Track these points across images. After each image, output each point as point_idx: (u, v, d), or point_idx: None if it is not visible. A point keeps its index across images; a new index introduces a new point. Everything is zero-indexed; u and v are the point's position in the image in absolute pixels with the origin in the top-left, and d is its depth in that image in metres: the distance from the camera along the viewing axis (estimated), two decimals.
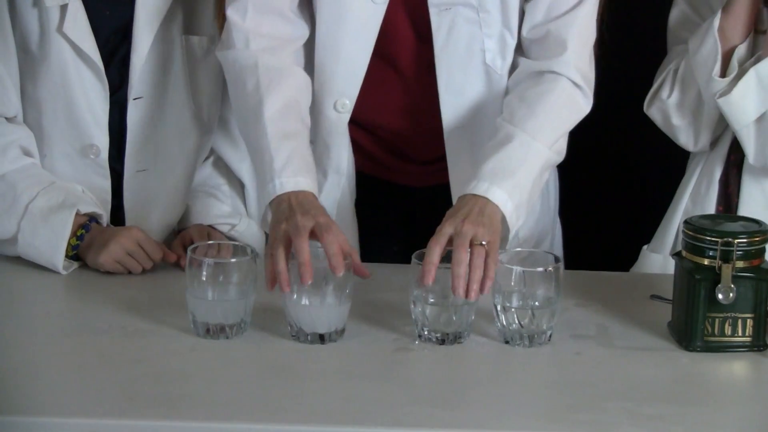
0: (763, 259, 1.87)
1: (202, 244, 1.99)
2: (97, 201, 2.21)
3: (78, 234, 2.14)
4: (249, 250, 1.93)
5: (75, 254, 2.14)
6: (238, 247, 1.98)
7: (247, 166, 2.31)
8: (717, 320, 1.86)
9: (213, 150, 2.35)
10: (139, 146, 2.24)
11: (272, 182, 1.95)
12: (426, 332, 1.89)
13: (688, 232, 1.88)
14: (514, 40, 2.12)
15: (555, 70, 2.07)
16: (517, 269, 1.87)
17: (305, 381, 1.76)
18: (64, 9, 2.15)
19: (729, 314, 1.86)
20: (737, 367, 1.85)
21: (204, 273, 1.87)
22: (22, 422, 1.64)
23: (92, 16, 2.17)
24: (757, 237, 1.86)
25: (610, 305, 2.03)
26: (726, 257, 1.84)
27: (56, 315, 2.00)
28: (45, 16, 2.15)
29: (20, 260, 2.15)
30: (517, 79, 2.12)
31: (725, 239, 1.84)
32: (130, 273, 2.13)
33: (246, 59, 2.06)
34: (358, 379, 1.77)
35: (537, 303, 1.87)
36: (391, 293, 2.01)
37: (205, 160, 2.35)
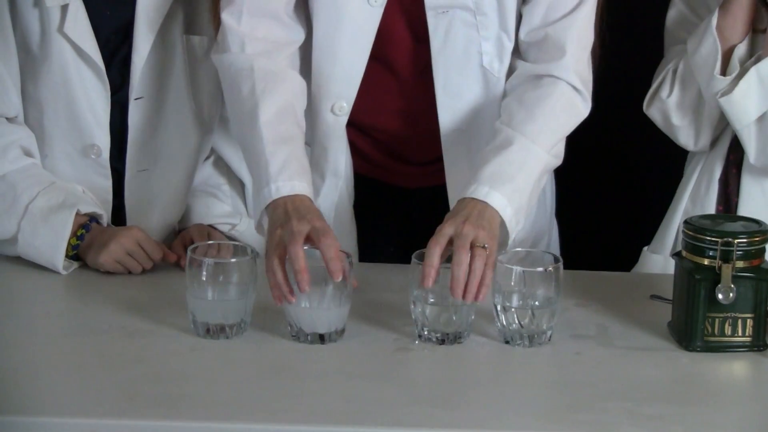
0: (763, 259, 1.87)
1: (202, 244, 2.00)
2: (97, 201, 2.22)
3: (78, 234, 2.14)
4: (249, 250, 1.93)
5: (75, 254, 2.15)
6: (238, 247, 1.98)
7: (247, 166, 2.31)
8: (717, 320, 1.86)
9: (213, 150, 2.35)
10: (140, 146, 2.24)
11: (268, 186, 1.94)
12: (426, 332, 1.89)
13: (688, 232, 1.88)
14: (512, 42, 2.11)
15: (554, 74, 2.06)
16: (517, 269, 1.87)
17: (305, 381, 1.76)
18: (64, 9, 2.15)
19: (729, 314, 1.86)
20: (737, 367, 1.85)
21: (204, 273, 1.87)
22: (22, 422, 1.64)
23: (93, 16, 2.17)
24: (757, 237, 1.86)
25: (610, 305, 2.03)
26: (726, 257, 1.84)
27: (56, 315, 2.00)
28: (46, 16, 2.15)
29: (20, 260, 2.15)
30: (515, 82, 2.11)
31: (725, 239, 1.84)
32: (130, 273, 2.13)
33: (241, 63, 2.05)
34: (358, 379, 1.77)
35: (537, 303, 1.87)
36: (391, 293, 2.01)
37: (206, 159, 2.35)
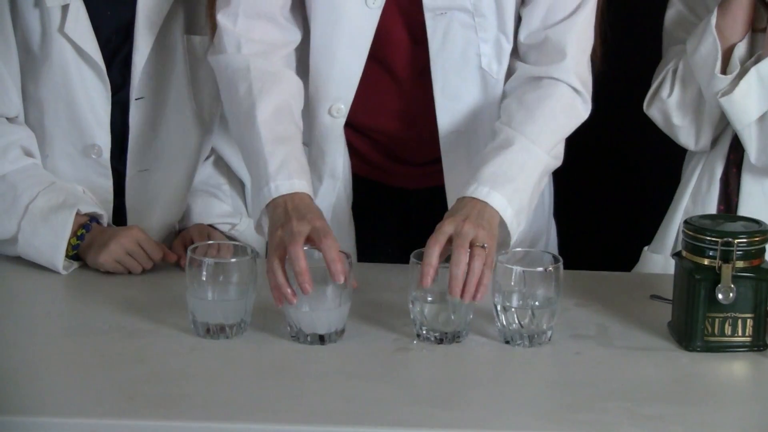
0: (763, 259, 1.87)
1: (202, 244, 2.00)
2: (97, 201, 2.22)
3: (78, 234, 2.14)
4: (249, 250, 1.93)
5: (75, 254, 2.15)
6: (238, 247, 1.98)
7: None
8: (717, 320, 1.86)
9: (213, 149, 2.35)
10: (141, 146, 2.24)
11: (267, 186, 1.93)
12: (424, 331, 1.89)
13: (688, 232, 1.88)
14: (510, 44, 2.11)
15: (554, 76, 2.06)
16: (517, 269, 1.87)
17: (305, 381, 1.76)
18: (65, 9, 2.15)
19: (729, 314, 1.86)
20: (737, 367, 1.85)
21: (204, 273, 1.87)
22: (22, 422, 1.64)
23: (93, 16, 2.17)
24: (757, 237, 1.86)
25: (610, 305, 2.03)
26: (726, 257, 1.84)
27: (56, 315, 2.00)
28: (46, 16, 2.15)
29: (20, 260, 2.15)
30: (515, 83, 2.11)
31: (725, 239, 1.84)
32: (130, 273, 2.13)
33: (238, 63, 2.05)
34: (358, 379, 1.77)
35: (537, 303, 1.87)
36: (390, 293, 2.01)
37: (206, 159, 2.35)
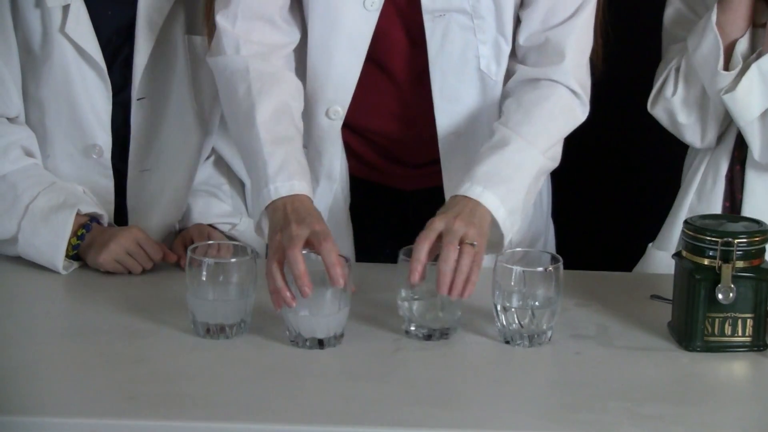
0: (763, 259, 1.87)
1: (202, 244, 2.00)
2: (98, 201, 2.21)
3: (79, 234, 2.14)
4: (249, 250, 1.93)
5: (75, 254, 2.15)
6: (238, 247, 1.98)
7: None
8: (717, 320, 1.86)
9: (214, 149, 2.35)
10: (142, 146, 2.24)
11: (267, 187, 1.93)
12: (413, 328, 1.89)
13: (688, 232, 1.88)
14: (509, 46, 2.11)
15: (553, 78, 2.06)
16: (517, 269, 1.87)
17: (305, 381, 1.76)
18: (66, 9, 2.15)
19: (729, 314, 1.86)
20: (737, 367, 1.85)
21: (204, 273, 1.87)
22: (22, 422, 1.64)
23: (94, 16, 2.17)
24: (757, 237, 1.86)
25: (610, 305, 2.03)
26: (726, 257, 1.84)
27: (56, 315, 2.00)
28: (47, 16, 2.15)
29: (20, 260, 2.15)
30: (514, 85, 2.11)
31: (725, 239, 1.84)
32: (130, 273, 2.13)
33: (236, 65, 2.04)
34: (358, 380, 1.77)
35: (537, 303, 1.87)
36: (390, 293, 2.00)
37: (206, 159, 2.35)
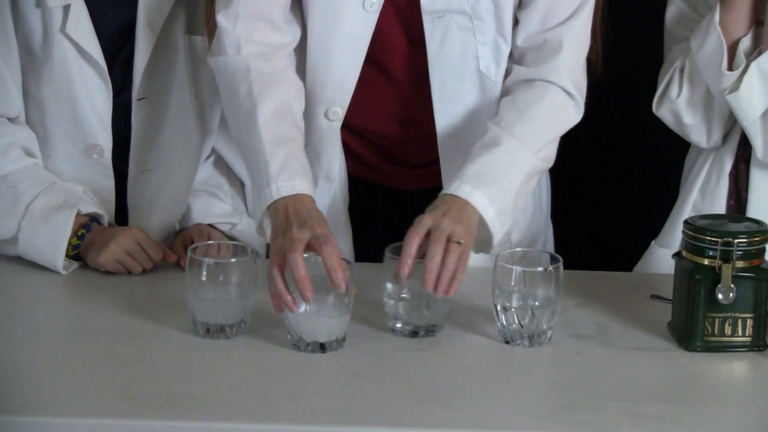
0: (763, 259, 1.87)
1: (202, 244, 1.99)
2: (98, 201, 2.21)
3: (79, 234, 2.14)
4: (249, 250, 1.93)
5: (76, 254, 2.15)
6: (238, 247, 1.98)
7: None
8: (717, 320, 1.86)
9: (214, 149, 2.34)
10: (143, 146, 2.24)
11: (268, 187, 1.93)
12: (398, 326, 1.89)
13: (688, 232, 1.88)
14: (508, 46, 2.11)
15: (548, 79, 2.06)
16: (517, 269, 1.87)
17: (305, 381, 1.76)
18: (66, 9, 2.15)
19: (729, 314, 1.86)
20: (737, 367, 1.85)
21: (204, 273, 1.87)
22: (22, 422, 1.64)
23: (95, 16, 2.17)
24: (757, 237, 1.86)
25: (610, 305, 2.03)
26: (726, 257, 1.84)
27: (56, 315, 2.00)
28: (48, 16, 2.15)
29: (20, 260, 2.15)
30: (509, 85, 2.11)
31: (725, 239, 1.84)
32: (130, 273, 2.13)
33: (237, 65, 2.04)
34: (358, 379, 1.77)
35: (537, 303, 1.87)
36: None
37: (206, 159, 2.35)
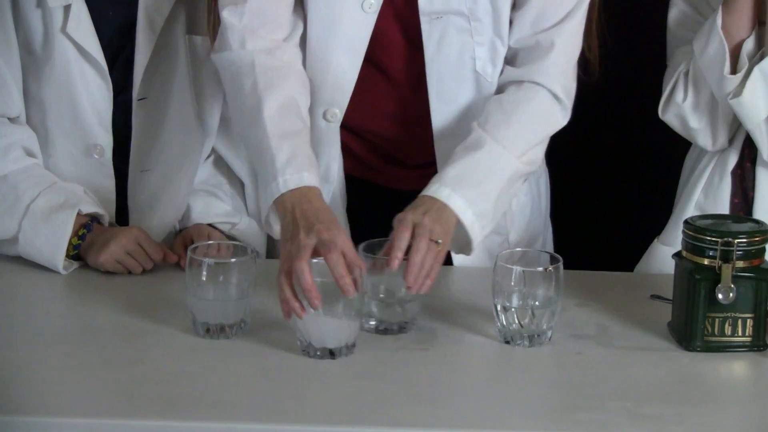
0: (763, 259, 1.87)
1: (202, 244, 1.99)
2: (98, 201, 2.22)
3: (79, 234, 2.14)
4: (249, 250, 1.93)
5: (76, 254, 2.15)
6: (238, 247, 1.98)
7: (247, 165, 2.31)
8: (717, 320, 1.86)
9: (214, 149, 2.34)
10: (143, 147, 2.24)
11: (275, 181, 1.92)
12: (372, 323, 1.89)
13: (688, 232, 1.88)
14: (505, 47, 2.11)
15: (537, 81, 2.07)
16: (517, 269, 1.87)
17: (305, 381, 1.76)
18: (67, 9, 2.15)
19: (729, 314, 1.86)
20: (737, 367, 1.85)
21: (204, 273, 1.87)
22: (22, 422, 1.64)
23: (95, 16, 2.17)
24: (757, 237, 1.86)
25: (610, 305, 2.03)
26: (726, 257, 1.84)
27: (56, 315, 2.00)
28: (48, 16, 2.15)
29: (20, 260, 2.15)
30: (499, 84, 2.12)
31: (725, 239, 1.84)
32: (131, 273, 2.13)
33: (242, 59, 2.04)
34: (358, 379, 1.77)
35: (537, 303, 1.87)
36: None
37: (206, 159, 2.34)
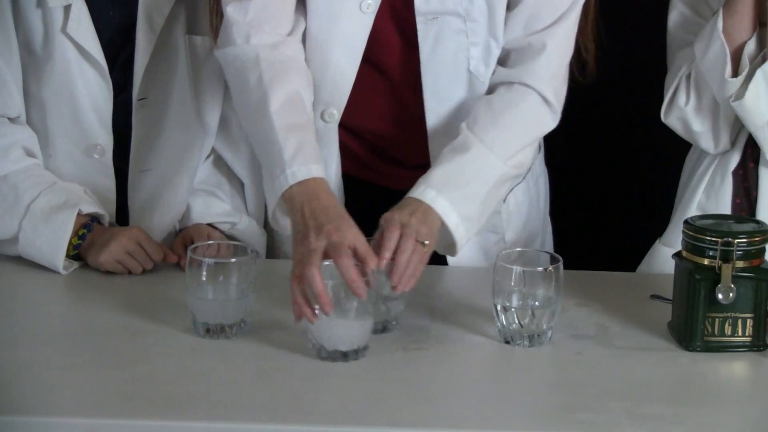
0: (763, 259, 1.87)
1: (202, 244, 1.99)
2: (99, 202, 2.22)
3: (80, 234, 2.14)
4: (249, 250, 1.93)
5: (76, 254, 2.15)
6: (238, 247, 1.98)
7: (247, 165, 2.31)
8: (717, 320, 1.86)
9: (213, 149, 2.34)
10: (143, 147, 2.24)
11: (283, 173, 1.92)
12: None
13: (688, 232, 1.88)
14: (499, 49, 2.11)
15: (527, 83, 2.07)
16: (517, 269, 1.87)
17: (305, 381, 1.76)
18: (67, 9, 2.15)
19: (729, 314, 1.86)
20: (737, 367, 1.85)
21: (204, 273, 1.87)
22: (22, 422, 1.64)
23: (95, 16, 2.17)
24: (757, 237, 1.86)
25: (610, 305, 2.03)
26: (726, 257, 1.84)
27: (56, 315, 2.00)
28: (48, 16, 2.16)
29: (20, 260, 2.15)
30: (489, 84, 2.12)
31: (725, 239, 1.84)
32: (131, 273, 2.13)
33: (246, 54, 2.04)
34: (359, 379, 1.77)
35: (537, 303, 1.87)
36: None
37: (206, 159, 2.34)
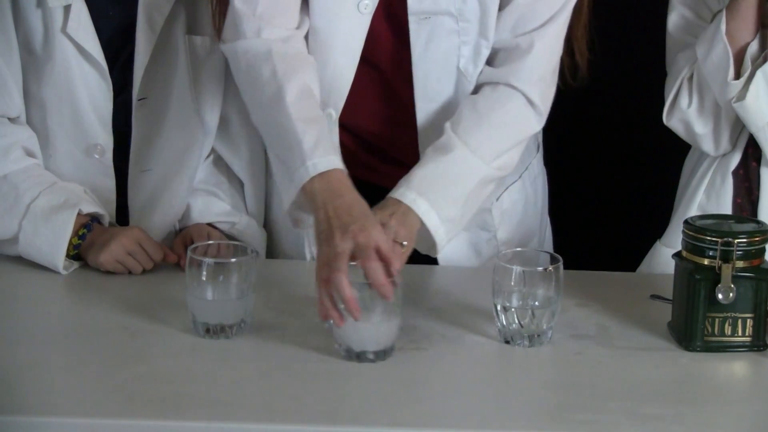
0: (763, 259, 1.87)
1: (202, 244, 1.99)
2: (99, 201, 2.22)
3: (80, 234, 2.14)
4: (249, 250, 1.93)
5: (76, 254, 2.15)
6: (238, 247, 1.98)
7: (246, 165, 2.31)
8: (717, 320, 1.86)
9: (213, 149, 2.34)
10: (143, 147, 2.24)
11: (303, 165, 1.91)
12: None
13: (688, 232, 1.88)
14: (489, 49, 2.11)
15: (513, 84, 2.07)
16: (517, 269, 1.87)
17: (305, 381, 1.76)
18: (67, 9, 2.15)
19: (729, 314, 1.86)
20: (737, 367, 1.85)
21: (204, 273, 1.87)
22: (22, 422, 1.64)
23: (95, 16, 2.17)
24: (757, 237, 1.86)
25: (610, 305, 2.03)
26: (726, 257, 1.84)
27: (56, 315, 2.00)
28: (48, 16, 2.16)
29: (20, 260, 2.15)
30: (476, 84, 2.12)
31: (725, 239, 1.84)
32: (131, 273, 2.13)
33: (258, 48, 2.03)
34: (358, 379, 1.77)
35: (537, 303, 1.87)
36: None
37: (206, 158, 2.34)
